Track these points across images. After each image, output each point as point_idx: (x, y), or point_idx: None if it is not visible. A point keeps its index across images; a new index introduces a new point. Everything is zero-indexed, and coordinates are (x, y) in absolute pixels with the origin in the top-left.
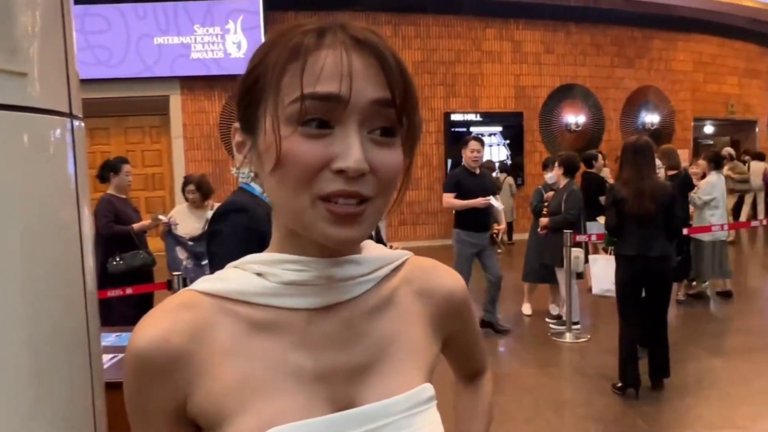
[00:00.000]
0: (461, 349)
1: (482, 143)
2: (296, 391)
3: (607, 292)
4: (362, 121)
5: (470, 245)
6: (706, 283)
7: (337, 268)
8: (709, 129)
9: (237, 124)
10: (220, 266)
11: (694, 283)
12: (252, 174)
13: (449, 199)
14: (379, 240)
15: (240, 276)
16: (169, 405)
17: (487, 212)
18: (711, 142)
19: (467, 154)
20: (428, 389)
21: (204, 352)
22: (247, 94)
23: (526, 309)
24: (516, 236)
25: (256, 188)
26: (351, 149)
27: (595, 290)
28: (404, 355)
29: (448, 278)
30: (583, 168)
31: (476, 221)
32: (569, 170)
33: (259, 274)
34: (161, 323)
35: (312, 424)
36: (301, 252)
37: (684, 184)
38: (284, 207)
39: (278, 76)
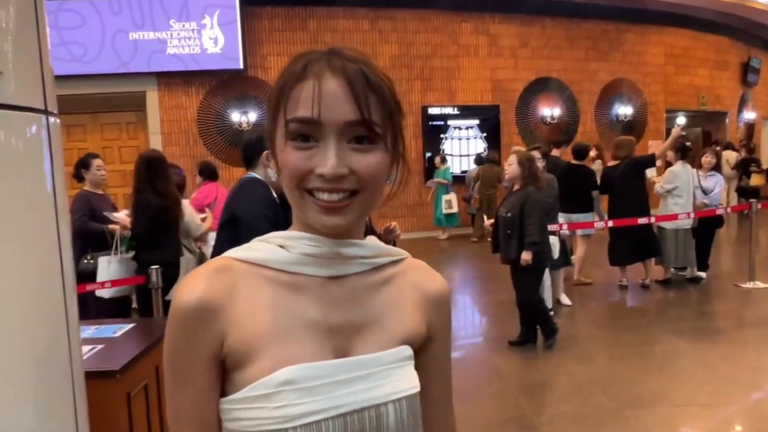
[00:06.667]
0: (433, 359)
1: None
2: (308, 339)
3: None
4: (340, 135)
5: None
6: (672, 269)
7: (343, 247)
8: (681, 120)
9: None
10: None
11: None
12: (276, 175)
13: None
14: (371, 229)
15: (267, 247)
16: (209, 348)
17: None
18: (684, 133)
19: None
20: (407, 350)
21: (237, 305)
22: (267, 119)
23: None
24: None
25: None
26: (328, 159)
27: None
28: (392, 323)
29: (437, 278)
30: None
31: None
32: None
33: (281, 246)
34: (203, 282)
35: (316, 366)
36: (314, 233)
37: (627, 168)
38: (289, 199)
39: (275, 106)
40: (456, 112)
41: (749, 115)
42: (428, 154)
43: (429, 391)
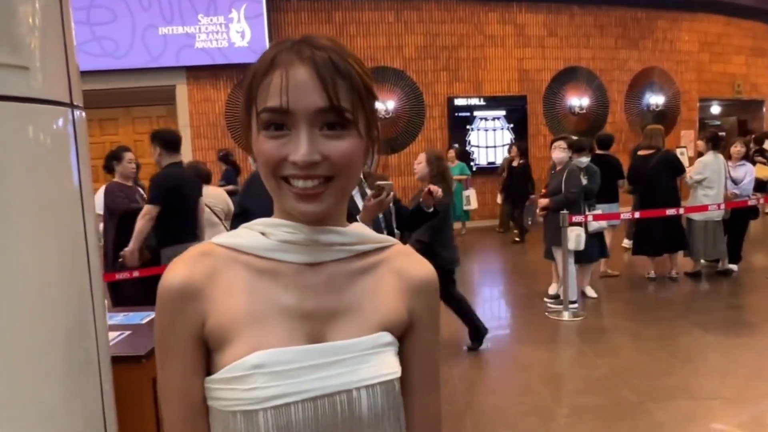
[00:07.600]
0: (416, 346)
1: None
2: (281, 324)
3: None
4: (311, 123)
5: None
6: (702, 261)
7: (321, 234)
8: (715, 109)
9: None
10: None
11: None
12: (256, 164)
13: None
14: (398, 213)
15: (249, 234)
16: (191, 329)
17: None
18: (718, 123)
19: None
20: (386, 336)
21: (217, 289)
22: (241, 109)
23: (552, 289)
24: None
25: None
26: (299, 146)
27: None
28: (371, 310)
29: (423, 266)
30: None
31: None
32: (575, 151)
33: (262, 233)
34: (186, 266)
35: (285, 351)
36: (293, 220)
37: (662, 162)
38: (268, 188)
39: (247, 97)
40: (482, 102)
41: None
42: (455, 146)
43: (411, 379)
